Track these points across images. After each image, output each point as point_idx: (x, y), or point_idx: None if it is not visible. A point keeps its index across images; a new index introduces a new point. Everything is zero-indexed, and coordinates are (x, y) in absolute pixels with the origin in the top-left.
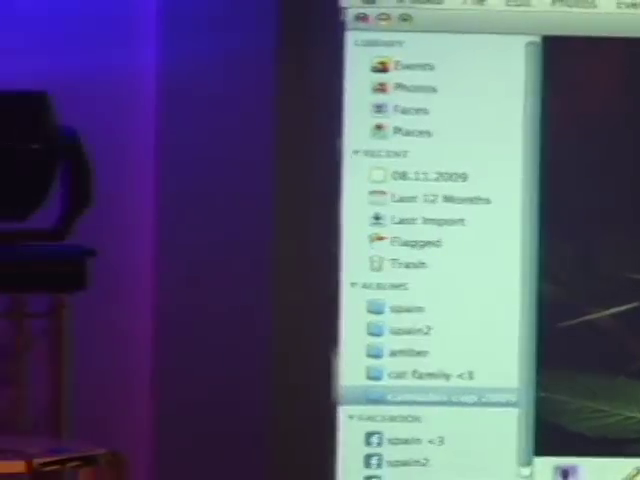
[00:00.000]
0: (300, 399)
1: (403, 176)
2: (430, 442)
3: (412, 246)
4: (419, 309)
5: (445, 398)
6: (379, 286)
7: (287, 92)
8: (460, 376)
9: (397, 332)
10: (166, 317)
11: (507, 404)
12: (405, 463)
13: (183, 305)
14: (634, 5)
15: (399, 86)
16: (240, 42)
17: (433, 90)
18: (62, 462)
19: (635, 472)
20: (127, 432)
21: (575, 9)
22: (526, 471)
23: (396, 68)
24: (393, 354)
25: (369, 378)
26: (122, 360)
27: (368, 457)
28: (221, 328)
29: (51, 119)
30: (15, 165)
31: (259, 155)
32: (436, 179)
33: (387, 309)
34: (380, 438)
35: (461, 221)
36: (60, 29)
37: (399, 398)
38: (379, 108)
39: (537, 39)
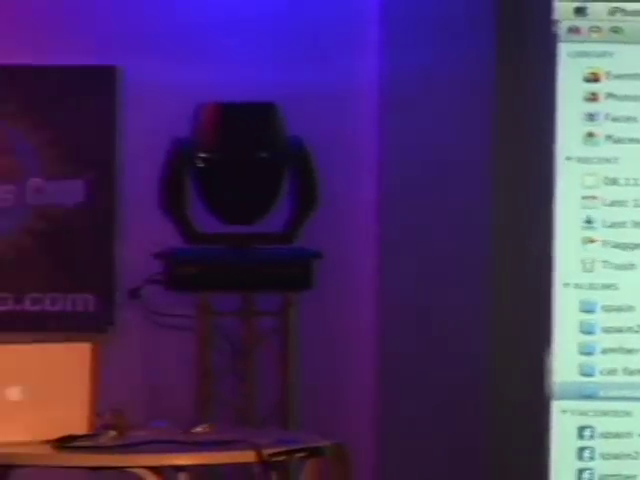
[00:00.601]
0: (516, 395)
1: (614, 182)
2: None
3: (622, 248)
4: (630, 308)
5: None
6: (591, 286)
7: (503, 100)
8: None
9: (608, 330)
10: (389, 317)
11: None
12: (617, 456)
13: (405, 305)
14: None
15: (610, 95)
16: (458, 52)
17: None
18: (290, 453)
19: None
20: (351, 426)
21: None
22: None
23: (607, 78)
24: (604, 352)
25: (582, 374)
26: (346, 357)
27: (581, 450)
28: (442, 327)
29: (279, 129)
30: (246, 173)
31: (478, 159)
32: None
33: (599, 308)
34: (592, 432)
35: None
36: (286, 43)
37: (610, 394)
38: (591, 117)
39: None
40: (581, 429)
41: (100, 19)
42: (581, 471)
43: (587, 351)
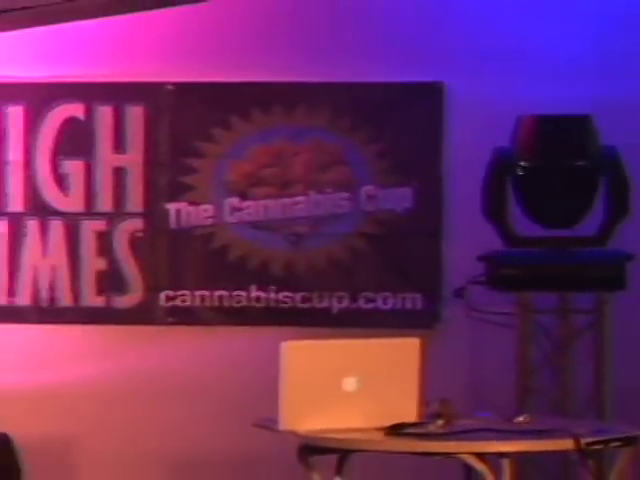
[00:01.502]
0: None
1: None
2: None
3: None
4: None
5: None
6: None
7: None
8: None
9: None
10: None
11: None
12: None
13: None
14: None
15: None
16: None
17: None
18: (605, 442)
19: None
20: None
21: None
22: None
23: None
24: None
25: None
26: None
27: None
28: None
29: (594, 138)
30: (563, 180)
31: None
32: None
33: None
34: None
35: None
36: (602, 58)
37: None
38: None
39: None
40: None
41: (429, 39)
42: None
43: None
